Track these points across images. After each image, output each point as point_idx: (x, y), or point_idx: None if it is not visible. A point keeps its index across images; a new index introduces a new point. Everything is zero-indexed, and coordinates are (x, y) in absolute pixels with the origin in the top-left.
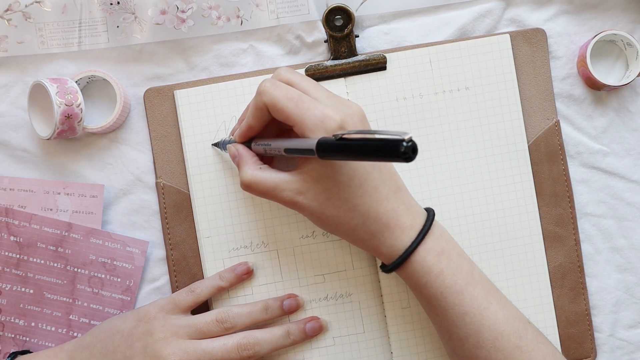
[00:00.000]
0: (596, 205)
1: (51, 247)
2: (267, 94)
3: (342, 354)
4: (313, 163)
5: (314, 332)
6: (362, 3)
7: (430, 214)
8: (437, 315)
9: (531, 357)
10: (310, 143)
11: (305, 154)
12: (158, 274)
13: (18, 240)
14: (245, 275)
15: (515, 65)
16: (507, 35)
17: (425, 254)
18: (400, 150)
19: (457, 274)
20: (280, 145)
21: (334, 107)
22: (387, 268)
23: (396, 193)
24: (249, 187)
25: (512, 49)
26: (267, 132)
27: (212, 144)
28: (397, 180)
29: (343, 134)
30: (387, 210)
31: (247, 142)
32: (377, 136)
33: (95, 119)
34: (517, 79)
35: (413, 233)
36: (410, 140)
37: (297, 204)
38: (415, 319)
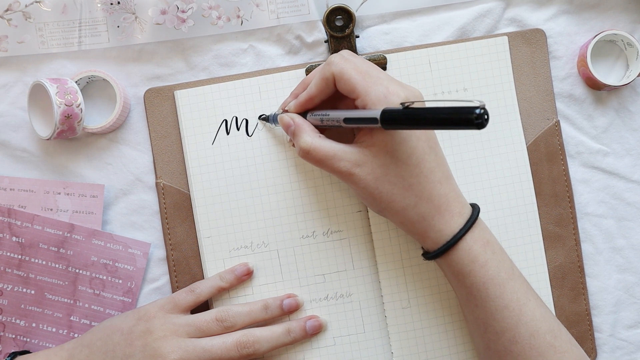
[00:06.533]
0: (596, 205)
1: (53, 248)
2: (336, 64)
3: (342, 354)
4: (373, 137)
5: (314, 330)
6: (362, 3)
7: (476, 206)
8: (476, 306)
9: (564, 357)
10: (374, 112)
11: (366, 124)
12: (158, 274)
13: (20, 240)
14: (245, 277)
15: (514, 65)
16: (505, 37)
17: (472, 243)
18: (473, 116)
19: (500, 267)
20: (339, 115)
21: (398, 85)
22: (431, 254)
23: (448, 179)
24: (307, 153)
25: (512, 49)
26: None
27: (261, 118)
28: (448, 168)
29: (410, 104)
30: (440, 193)
31: (302, 114)
32: (447, 104)
33: (95, 119)
34: (517, 79)
35: (462, 220)
36: (484, 107)
37: (352, 175)
38: (415, 319)
